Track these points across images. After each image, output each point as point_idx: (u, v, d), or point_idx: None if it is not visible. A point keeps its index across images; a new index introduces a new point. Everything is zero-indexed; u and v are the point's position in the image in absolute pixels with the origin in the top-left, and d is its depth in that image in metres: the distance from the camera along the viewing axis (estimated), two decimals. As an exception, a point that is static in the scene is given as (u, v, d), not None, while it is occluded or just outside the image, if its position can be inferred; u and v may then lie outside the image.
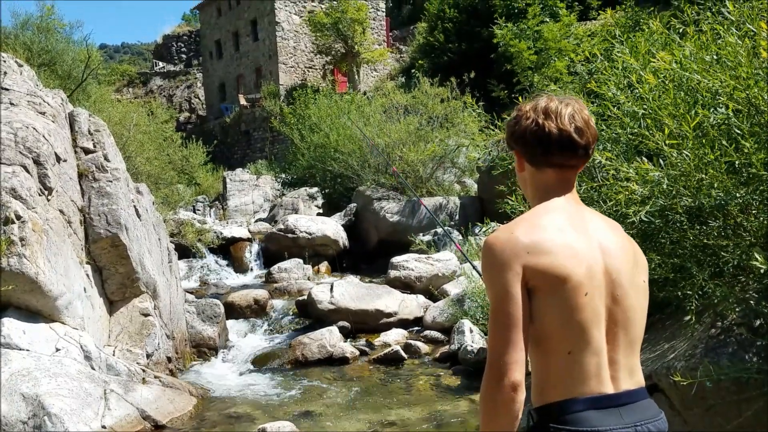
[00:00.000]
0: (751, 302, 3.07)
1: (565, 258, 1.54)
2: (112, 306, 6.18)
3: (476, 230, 10.48)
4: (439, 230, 11.05)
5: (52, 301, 4.91)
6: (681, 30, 3.92)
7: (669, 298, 3.47)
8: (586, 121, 1.64)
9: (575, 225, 1.61)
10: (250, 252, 12.34)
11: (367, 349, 7.34)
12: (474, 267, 3.00)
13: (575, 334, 1.53)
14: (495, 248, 1.55)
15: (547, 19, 21.71)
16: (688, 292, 3.16)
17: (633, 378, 1.61)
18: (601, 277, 1.58)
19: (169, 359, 6.43)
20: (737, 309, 3.11)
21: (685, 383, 2.78)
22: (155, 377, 5.56)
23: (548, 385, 1.57)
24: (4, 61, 5.98)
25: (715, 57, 3.33)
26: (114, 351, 5.78)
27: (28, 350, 4.73)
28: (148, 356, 5.99)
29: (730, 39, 3.19)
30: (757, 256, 2.68)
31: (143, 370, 5.55)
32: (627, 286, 1.61)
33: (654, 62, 3.37)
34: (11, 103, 5.51)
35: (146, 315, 6.17)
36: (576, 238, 1.58)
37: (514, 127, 1.70)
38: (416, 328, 7.99)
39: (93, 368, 5.04)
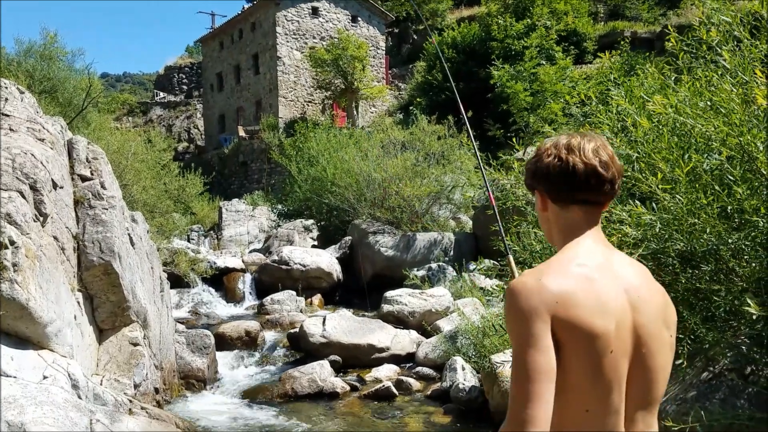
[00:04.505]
0: (743, 348, 3.07)
1: (594, 312, 1.46)
2: (101, 334, 6.12)
3: (470, 267, 10.47)
4: (434, 265, 11.04)
5: (41, 328, 4.87)
6: (675, 78, 4.00)
7: (661, 341, 3.46)
8: (611, 156, 1.58)
9: (605, 273, 1.53)
10: (243, 283, 12.27)
11: (358, 384, 7.26)
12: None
13: (596, 392, 1.47)
14: (522, 294, 1.45)
15: (544, 62, 22.08)
16: (680, 336, 3.15)
17: None
18: (628, 333, 1.51)
19: (157, 390, 6.35)
20: (729, 354, 3.11)
21: (676, 428, 2.76)
22: (142, 408, 5.47)
23: None
24: (6, 88, 6.03)
25: (709, 103, 3.39)
26: (101, 380, 5.71)
27: (15, 377, 4.67)
28: (136, 386, 5.91)
29: (724, 86, 3.25)
30: (749, 301, 2.69)
31: (130, 401, 5.47)
32: (653, 343, 1.54)
33: (649, 106, 3.43)
34: (11, 129, 5.53)
35: (135, 344, 6.10)
36: (606, 289, 1.50)
37: (536, 164, 1.64)
38: (408, 364, 7.92)
39: (80, 397, 4.97)
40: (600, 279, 1.50)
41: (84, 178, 6.17)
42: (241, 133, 31.50)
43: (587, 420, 1.47)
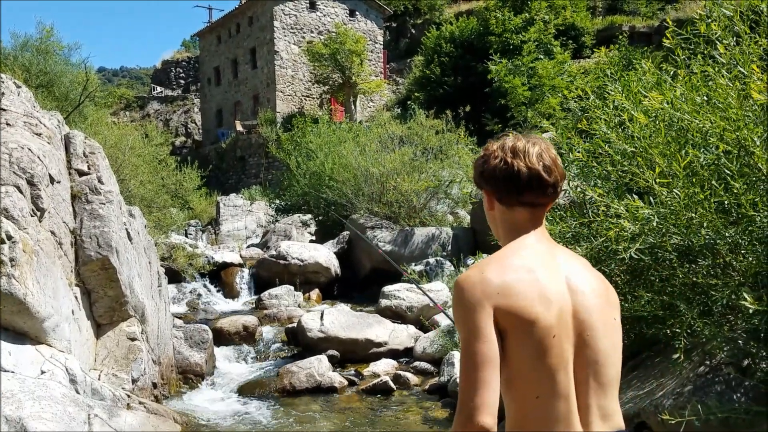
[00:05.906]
0: (740, 342, 3.08)
1: (534, 300, 1.51)
2: (99, 329, 6.12)
3: (468, 261, 10.48)
4: (431, 260, 11.05)
5: (39, 323, 4.86)
6: (672, 72, 3.99)
7: (658, 336, 3.48)
8: (554, 160, 1.64)
9: (546, 264, 1.60)
10: (241, 277, 12.27)
11: (356, 379, 7.28)
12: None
13: (543, 377, 1.51)
14: (466, 288, 1.52)
15: (542, 57, 22.05)
16: (677, 330, 3.16)
17: (607, 422, 1.57)
18: (569, 318, 1.56)
19: (155, 385, 6.36)
20: (726, 348, 3.12)
21: (673, 422, 2.77)
22: (140, 403, 5.48)
23: (519, 429, 1.55)
24: (2, 82, 6.01)
25: (705, 98, 3.39)
26: (99, 375, 5.71)
27: (12, 372, 4.67)
28: (134, 381, 5.92)
29: (720, 81, 3.25)
30: (746, 295, 2.70)
31: (128, 396, 5.48)
32: (597, 326, 1.58)
33: (645, 101, 3.43)
34: (7, 124, 5.52)
35: (133, 339, 6.11)
36: (546, 278, 1.56)
37: (483, 166, 1.70)
38: (406, 358, 7.93)
39: (78, 392, 4.97)
40: (540, 269, 1.57)
41: (81, 173, 6.16)
42: (239, 127, 31.45)
43: (539, 406, 1.51)
